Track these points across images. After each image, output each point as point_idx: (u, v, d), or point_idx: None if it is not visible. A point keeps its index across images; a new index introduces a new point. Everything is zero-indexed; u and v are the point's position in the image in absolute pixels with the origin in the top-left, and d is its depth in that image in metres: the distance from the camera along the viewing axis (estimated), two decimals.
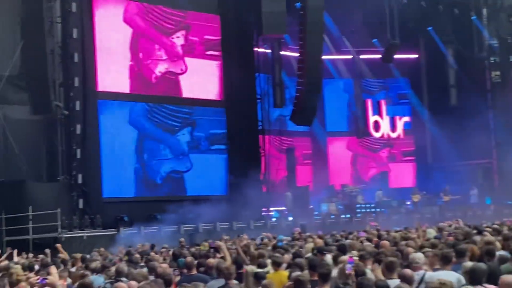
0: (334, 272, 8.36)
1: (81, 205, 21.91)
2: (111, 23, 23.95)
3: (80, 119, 22.35)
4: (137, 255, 12.99)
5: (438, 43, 35.14)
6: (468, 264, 8.03)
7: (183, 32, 25.81)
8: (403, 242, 11.48)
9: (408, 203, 31.53)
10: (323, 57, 28.04)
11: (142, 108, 24.74)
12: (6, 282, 7.54)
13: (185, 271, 9.91)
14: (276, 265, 9.47)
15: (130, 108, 24.46)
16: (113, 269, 10.00)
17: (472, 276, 7.18)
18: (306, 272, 8.61)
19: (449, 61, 34.85)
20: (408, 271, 7.88)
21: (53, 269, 10.64)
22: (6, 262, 12.50)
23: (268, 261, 10.19)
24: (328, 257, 10.13)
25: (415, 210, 30.52)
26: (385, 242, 10.94)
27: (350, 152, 35.65)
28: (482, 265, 7.49)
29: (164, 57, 25.24)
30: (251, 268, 9.24)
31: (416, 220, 25.34)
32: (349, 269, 7.88)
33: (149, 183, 24.58)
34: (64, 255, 14.58)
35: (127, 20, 24.42)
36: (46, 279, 7.54)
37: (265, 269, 9.48)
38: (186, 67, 25.78)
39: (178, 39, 25.68)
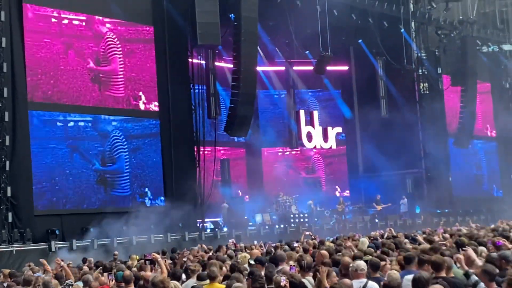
0: None
1: (10, 219, 21.26)
2: (42, 33, 23.46)
3: (9, 130, 21.76)
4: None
5: (368, 55, 35.88)
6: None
7: (117, 42, 25.54)
8: (339, 253, 11.62)
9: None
10: (257, 68, 28.20)
11: (73, 119, 24.28)
12: None
13: (122, 284, 9.79)
14: (211, 278, 9.46)
15: (61, 119, 23.99)
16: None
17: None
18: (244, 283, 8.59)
19: (379, 73, 35.61)
20: (347, 281, 7.98)
21: None
22: None
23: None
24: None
25: (346, 220, 31.03)
26: (324, 252, 11.02)
27: (284, 162, 35.96)
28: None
29: (96, 67, 24.88)
30: (175, 283, 9.20)
31: (348, 229, 25.86)
32: (283, 281, 7.89)
33: (82, 196, 24.10)
34: None
35: (57, 30, 23.98)
36: None
37: (204, 282, 9.46)
38: (120, 77, 25.49)
39: (111, 49, 25.38)
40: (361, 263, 8.71)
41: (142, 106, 26.09)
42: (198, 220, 26.66)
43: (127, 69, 25.67)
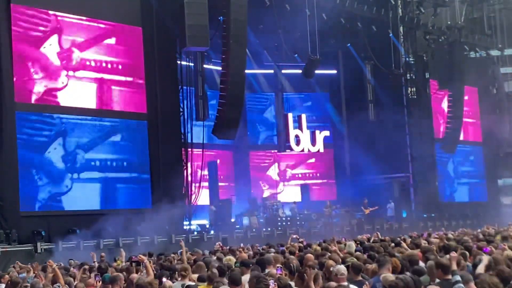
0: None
1: None
2: (30, 33, 23.33)
3: None
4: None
5: (357, 59, 35.99)
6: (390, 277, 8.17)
7: (105, 43, 25.44)
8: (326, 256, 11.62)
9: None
10: (246, 71, 28.19)
11: (60, 120, 24.13)
12: None
13: (109, 286, 9.75)
14: (210, 280, 9.43)
15: (49, 120, 23.83)
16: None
17: None
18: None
19: (367, 77, 35.72)
20: (332, 284, 7.97)
21: None
22: None
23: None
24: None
25: (333, 223, 31.06)
26: (310, 256, 11.02)
27: (272, 165, 35.97)
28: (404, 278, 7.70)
29: (86, 67, 24.76)
30: (169, 283, 9.19)
31: (335, 233, 25.86)
32: (272, 284, 7.84)
33: (69, 196, 23.95)
34: None
35: (46, 30, 23.83)
36: None
37: (200, 284, 9.46)
38: (108, 78, 25.39)
39: (100, 50, 25.28)
40: (341, 268, 8.65)
41: (129, 108, 25.98)
42: (185, 223, 26.60)
43: (115, 69, 25.57)
